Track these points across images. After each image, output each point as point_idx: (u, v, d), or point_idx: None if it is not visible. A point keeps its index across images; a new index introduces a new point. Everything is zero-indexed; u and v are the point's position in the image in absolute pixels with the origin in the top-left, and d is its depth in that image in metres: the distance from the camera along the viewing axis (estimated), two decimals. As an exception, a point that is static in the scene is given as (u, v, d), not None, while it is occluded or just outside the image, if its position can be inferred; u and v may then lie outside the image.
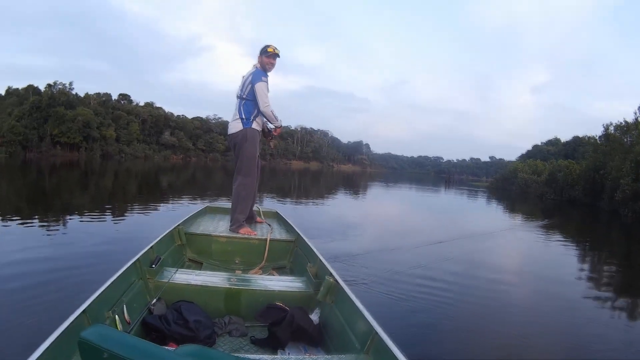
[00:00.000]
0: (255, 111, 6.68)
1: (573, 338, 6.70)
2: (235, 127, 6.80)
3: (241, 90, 6.72)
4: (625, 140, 42.77)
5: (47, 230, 11.06)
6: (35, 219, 12.64)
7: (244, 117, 6.69)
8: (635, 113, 43.89)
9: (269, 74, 6.80)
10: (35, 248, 9.05)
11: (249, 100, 6.65)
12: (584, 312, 8.03)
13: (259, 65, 6.75)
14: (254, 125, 6.74)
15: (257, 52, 6.84)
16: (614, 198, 35.45)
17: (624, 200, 33.71)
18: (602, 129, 47.14)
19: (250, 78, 6.62)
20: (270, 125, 7.10)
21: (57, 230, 11.34)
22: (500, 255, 13.13)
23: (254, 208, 7.94)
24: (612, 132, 45.20)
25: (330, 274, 4.47)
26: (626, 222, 29.84)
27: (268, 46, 6.80)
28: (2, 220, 12.14)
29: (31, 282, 6.79)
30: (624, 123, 43.37)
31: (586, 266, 13.38)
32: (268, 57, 6.76)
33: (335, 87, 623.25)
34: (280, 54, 6.93)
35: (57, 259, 8.30)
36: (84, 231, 11.22)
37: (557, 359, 6.06)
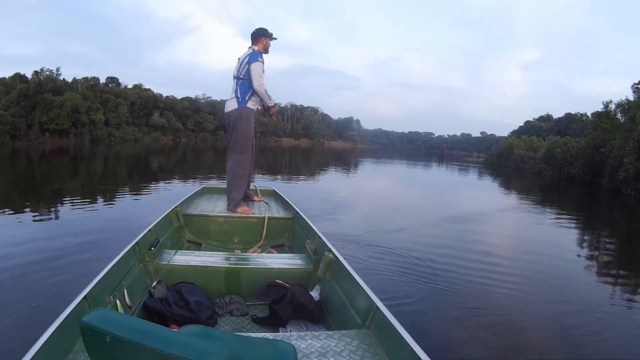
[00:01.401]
0: (251, 91, 6.75)
1: (568, 317, 6.69)
2: (231, 105, 6.90)
3: (238, 70, 6.81)
4: (621, 118, 42.54)
5: (42, 219, 11.03)
6: (27, 207, 12.59)
7: (239, 96, 6.78)
8: (636, 91, 43.90)
9: (265, 55, 6.89)
10: (31, 236, 9.10)
11: (245, 80, 6.73)
12: (584, 293, 8.01)
13: (258, 48, 6.85)
14: (249, 104, 6.83)
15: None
16: (616, 176, 35.25)
17: (627, 179, 33.60)
18: (602, 106, 46.54)
19: (247, 59, 6.69)
20: (269, 104, 7.04)
21: (52, 218, 11.32)
22: (501, 235, 13.16)
23: (251, 187, 8.14)
24: (613, 110, 44.85)
25: (330, 250, 4.47)
26: (629, 201, 29.80)
27: (266, 30, 6.97)
28: (7, 210, 11.98)
29: (31, 270, 6.81)
30: (625, 101, 43.02)
31: (593, 246, 13.33)
32: (271, 39, 6.98)
33: (325, 65, 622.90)
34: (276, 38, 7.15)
35: (55, 246, 8.33)
36: (79, 218, 11.23)
37: (555, 336, 6.07)
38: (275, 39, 7.05)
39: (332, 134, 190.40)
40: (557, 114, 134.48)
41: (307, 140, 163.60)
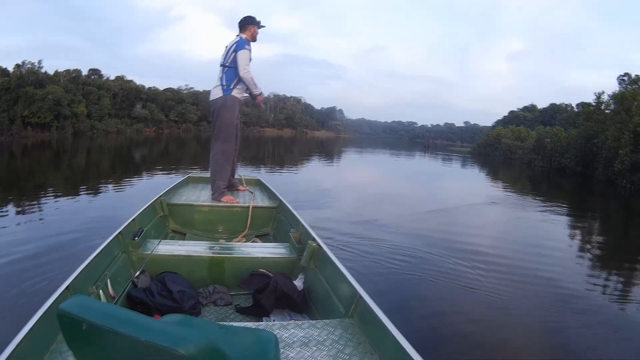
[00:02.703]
0: (237, 79, 6.81)
1: (558, 310, 6.76)
2: (215, 93, 6.95)
3: (224, 58, 6.88)
4: (612, 109, 42.55)
5: (25, 212, 11.17)
6: (10, 202, 12.69)
7: (224, 84, 6.85)
8: (622, 83, 44.07)
9: (252, 44, 6.96)
10: (14, 230, 9.28)
11: (231, 68, 6.80)
12: (575, 286, 8.03)
13: (246, 36, 6.94)
14: (234, 93, 6.88)
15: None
16: (611, 168, 35.20)
17: (622, 171, 33.59)
18: (594, 97, 46.42)
19: (234, 46, 6.77)
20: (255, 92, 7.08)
21: (35, 211, 11.34)
22: (490, 227, 13.23)
23: (236, 176, 8.06)
24: (606, 101, 44.71)
25: (314, 239, 4.55)
26: (624, 193, 29.86)
27: (254, 17, 7.05)
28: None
29: (13, 263, 6.92)
30: (619, 91, 42.94)
31: (588, 239, 13.38)
32: (258, 27, 7.08)
33: (309, 54, 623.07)
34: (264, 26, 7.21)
35: (39, 239, 8.44)
36: (63, 210, 11.32)
37: (539, 328, 6.15)
38: (264, 26, 7.12)
39: (315, 123, 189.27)
40: (542, 104, 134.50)
41: (290, 130, 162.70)
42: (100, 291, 3.55)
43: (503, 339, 5.71)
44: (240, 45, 6.68)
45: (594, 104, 46.81)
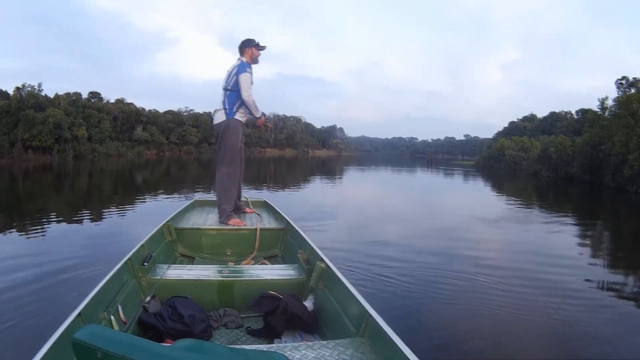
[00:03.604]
0: (239, 102, 6.83)
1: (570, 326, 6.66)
2: (219, 117, 6.96)
3: (226, 82, 6.88)
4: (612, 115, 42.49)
5: (30, 237, 10.98)
6: (14, 227, 12.50)
7: (227, 107, 6.86)
8: (620, 87, 44.26)
9: (253, 66, 7.01)
10: (20, 255, 9.12)
11: (233, 92, 6.81)
12: (588, 299, 7.81)
13: (246, 59, 6.94)
14: (237, 116, 6.91)
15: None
16: (620, 174, 34.85)
17: (632, 177, 33.27)
18: (598, 103, 46.31)
19: (235, 70, 6.79)
20: (256, 115, 7.09)
21: (41, 236, 11.20)
22: (501, 240, 12.94)
23: (242, 198, 8.15)
24: (610, 106, 44.57)
25: (322, 260, 4.49)
26: (635, 199, 29.56)
27: (253, 40, 7.05)
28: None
29: (23, 289, 6.81)
30: (621, 95, 42.91)
31: (600, 248, 13.18)
32: (259, 49, 7.07)
33: (305, 72, 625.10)
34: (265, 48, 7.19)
35: (47, 264, 8.29)
36: (67, 234, 11.38)
37: (555, 346, 6.06)
38: (263, 48, 7.10)
39: (316, 142, 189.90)
40: (541, 113, 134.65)
41: (292, 150, 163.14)
42: (112, 317, 3.51)
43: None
44: (241, 68, 6.72)
45: (597, 109, 46.81)
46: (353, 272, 8.14)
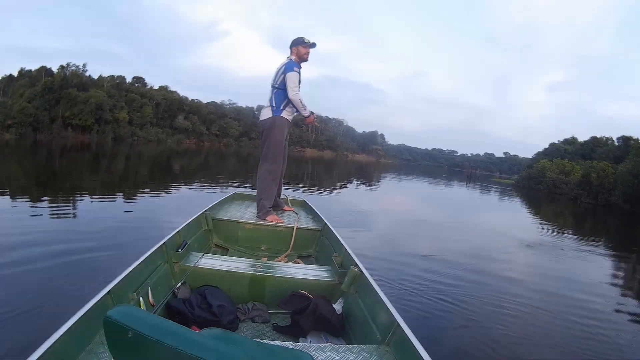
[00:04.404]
0: (286, 100, 6.82)
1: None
2: (265, 114, 6.99)
3: (274, 79, 6.89)
4: None
5: (65, 214, 11.21)
6: (56, 201, 12.71)
7: (274, 105, 6.88)
8: None
9: (303, 64, 7.03)
10: (60, 229, 9.28)
11: (280, 90, 6.81)
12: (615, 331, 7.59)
13: (294, 57, 6.93)
14: (284, 114, 6.91)
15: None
16: None
17: None
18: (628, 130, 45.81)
19: (283, 68, 6.78)
20: (304, 114, 7.08)
21: (75, 213, 11.49)
22: (536, 264, 12.64)
23: (282, 196, 8.20)
24: None
25: (355, 264, 4.48)
26: None
27: (303, 37, 7.00)
28: (29, 202, 12.19)
29: (58, 261, 6.96)
30: None
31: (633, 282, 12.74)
32: (305, 46, 6.97)
33: (351, 77, 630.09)
34: (315, 44, 7.12)
35: (80, 240, 8.36)
36: (103, 215, 11.41)
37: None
38: (313, 45, 7.05)
39: (355, 147, 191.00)
40: (581, 136, 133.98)
41: (331, 152, 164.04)
42: (141, 298, 3.56)
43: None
44: (288, 67, 6.71)
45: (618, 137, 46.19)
46: (386, 279, 8.05)
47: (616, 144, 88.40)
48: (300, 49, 6.93)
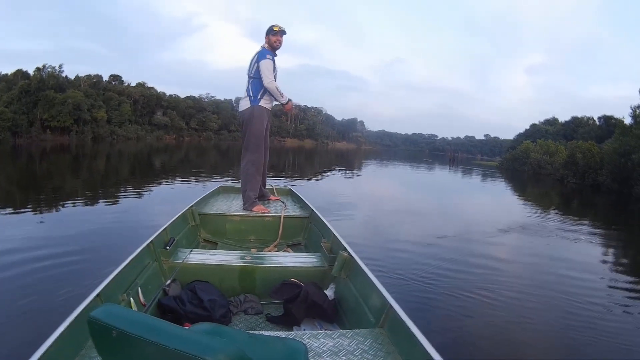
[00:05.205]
0: (262, 89, 6.83)
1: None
2: (244, 105, 7.02)
3: (249, 69, 6.91)
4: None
5: (48, 217, 11.19)
6: (36, 205, 12.65)
7: (251, 95, 6.88)
8: None
9: (277, 52, 7.04)
10: (43, 235, 9.15)
11: (256, 79, 6.82)
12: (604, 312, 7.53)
13: (266, 46, 6.94)
14: (262, 103, 6.91)
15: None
16: None
17: None
18: (630, 111, 45.50)
19: (256, 57, 6.83)
20: (281, 101, 7.09)
21: (59, 216, 11.45)
22: (527, 246, 12.65)
23: (268, 186, 8.25)
24: None
25: (345, 249, 4.50)
26: None
27: (273, 25, 7.00)
28: (10, 207, 12.10)
29: (45, 267, 6.87)
30: None
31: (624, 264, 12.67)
32: (274, 35, 6.95)
33: (329, 66, 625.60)
34: (286, 31, 7.08)
35: (67, 245, 8.25)
36: (88, 216, 11.43)
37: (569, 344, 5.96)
38: (282, 32, 7.02)
39: (336, 135, 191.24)
40: (561, 117, 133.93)
41: (311, 141, 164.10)
42: (131, 299, 3.55)
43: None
44: (261, 55, 6.75)
45: (623, 117, 46.18)
46: (376, 262, 8.12)
47: (597, 123, 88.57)
48: (271, 37, 6.93)
